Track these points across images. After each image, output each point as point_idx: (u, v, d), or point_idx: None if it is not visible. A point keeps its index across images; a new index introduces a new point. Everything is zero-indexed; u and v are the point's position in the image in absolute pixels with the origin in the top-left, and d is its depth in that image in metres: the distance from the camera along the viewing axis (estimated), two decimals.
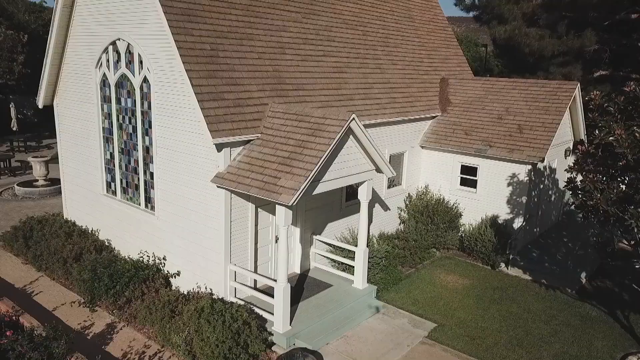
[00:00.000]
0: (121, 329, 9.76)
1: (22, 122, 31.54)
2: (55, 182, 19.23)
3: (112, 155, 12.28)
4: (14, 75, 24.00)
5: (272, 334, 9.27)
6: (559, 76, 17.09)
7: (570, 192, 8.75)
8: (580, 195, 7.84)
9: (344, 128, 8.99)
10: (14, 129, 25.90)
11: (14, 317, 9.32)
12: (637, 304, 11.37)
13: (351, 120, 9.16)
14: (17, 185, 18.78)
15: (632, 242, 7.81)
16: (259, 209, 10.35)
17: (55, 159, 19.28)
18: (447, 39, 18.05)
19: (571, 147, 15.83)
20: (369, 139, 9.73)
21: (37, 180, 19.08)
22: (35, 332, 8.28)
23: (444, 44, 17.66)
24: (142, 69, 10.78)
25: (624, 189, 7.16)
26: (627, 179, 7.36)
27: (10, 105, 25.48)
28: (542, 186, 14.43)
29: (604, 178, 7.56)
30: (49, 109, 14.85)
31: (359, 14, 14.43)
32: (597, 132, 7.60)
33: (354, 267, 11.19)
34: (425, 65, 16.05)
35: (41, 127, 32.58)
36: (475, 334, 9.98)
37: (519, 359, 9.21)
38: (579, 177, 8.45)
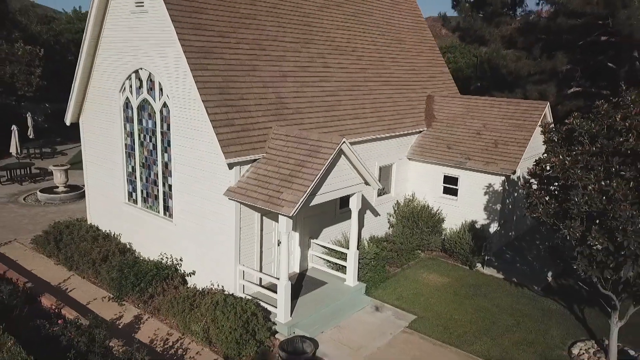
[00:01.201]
0: (146, 320, 11.43)
1: (34, 128, 33.22)
2: (74, 188, 20.94)
3: (133, 168, 13.95)
4: (32, 88, 25.66)
5: (275, 324, 10.94)
6: (535, 93, 18.74)
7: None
8: (529, 208, 9.51)
9: (336, 150, 10.65)
10: (30, 136, 27.56)
11: (57, 310, 11.01)
12: (591, 300, 13.03)
13: (342, 143, 10.82)
14: (40, 191, 20.42)
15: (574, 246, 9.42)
16: (263, 217, 12.01)
17: (71, 165, 20.95)
18: (434, 58, 19.71)
19: None
20: (357, 158, 11.39)
21: (58, 187, 20.72)
22: (78, 321, 9.95)
23: (431, 63, 19.32)
24: (162, 95, 12.45)
25: (557, 204, 8.83)
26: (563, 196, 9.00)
27: (27, 115, 27.15)
28: (515, 194, 16.09)
29: (546, 195, 9.21)
30: (57, 115, 16.47)
31: (352, 39, 16.09)
32: (541, 155, 9.23)
33: (346, 267, 12.86)
34: (413, 84, 17.70)
35: (52, 132, 34.17)
36: (448, 325, 11.65)
37: (484, 345, 10.89)
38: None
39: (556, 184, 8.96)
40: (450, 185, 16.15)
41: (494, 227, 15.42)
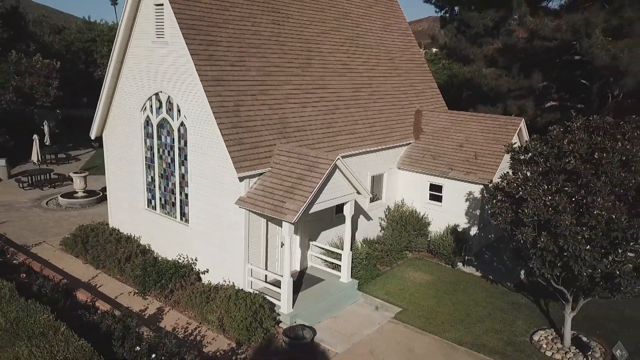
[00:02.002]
0: (168, 311, 13.22)
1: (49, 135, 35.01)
2: (92, 193, 22.73)
3: (152, 178, 15.74)
4: (49, 98, 27.45)
5: (279, 315, 12.73)
6: (515, 108, 20.53)
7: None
8: (492, 216, 11.31)
9: (331, 165, 12.44)
10: (47, 143, 29.34)
11: (92, 303, 12.81)
12: (555, 295, 14.79)
13: (337, 159, 12.61)
14: (61, 196, 22.21)
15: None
16: (268, 222, 13.81)
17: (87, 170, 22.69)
18: (423, 74, 21.50)
19: None
20: (350, 171, 13.18)
21: (77, 192, 22.50)
22: (113, 312, 11.74)
23: (420, 79, 21.11)
24: (179, 115, 14.23)
25: (513, 214, 10.61)
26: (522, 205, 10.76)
27: (44, 123, 28.93)
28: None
29: (505, 205, 10.98)
30: (67, 120, 18.18)
31: (347, 61, 17.88)
32: (505, 172, 11.03)
33: (341, 265, 14.65)
34: (403, 100, 19.49)
35: (63, 137, 35.87)
36: (429, 316, 13.45)
37: (458, 332, 12.69)
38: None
39: (513, 196, 10.74)
40: (436, 193, 17.93)
41: (474, 231, 17.21)
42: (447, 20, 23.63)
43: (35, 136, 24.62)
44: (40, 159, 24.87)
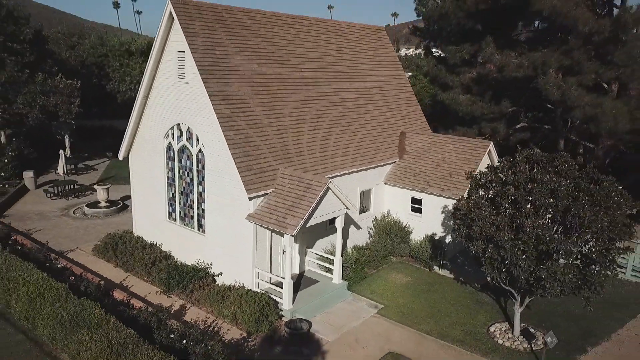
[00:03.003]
0: (189, 308, 15.96)
1: (61, 143, 37.71)
2: (113, 203, 25.46)
3: (173, 195, 18.48)
4: (72, 115, 30.22)
5: (282, 310, 15.47)
6: (488, 129, 23.25)
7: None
8: (453, 231, 14.03)
9: (324, 188, 15.18)
10: (68, 155, 32.07)
11: (127, 300, 15.55)
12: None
13: (329, 183, 15.35)
14: (86, 206, 24.94)
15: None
16: (272, 233, 16.55)
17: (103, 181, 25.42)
18: (408, 99, 24.24)
19: None
20: (340, 191, 15.93)
21: (100, 202, 25.22)
22: (147, 308, 14.49)
23: (405, 103, 23.85)
24: (198, 143, 16.97)
25: (467, 230, 13.36)
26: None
27: (65, 137, 31.67)
28: None
29: (461, 223, 13.73)
30: (80, 130, 20.82)
31: (340, 92, 20.62)
32: (460, 196, 13.76)
33: (333, 269, 17.39)
34: (389, 123, 22.23)
35: (80, 147, 38.54)
36: (406, 311, 16.20)
37: (428, 325, 15.44)
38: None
39: (467, 216, 13.51)
40: (417, 205, 20.68)
41: (449, 239, 19.96)
42: (430, 51, 26.52)
43: (61, 151, 27.37)
44: (65, 171, 27.57)
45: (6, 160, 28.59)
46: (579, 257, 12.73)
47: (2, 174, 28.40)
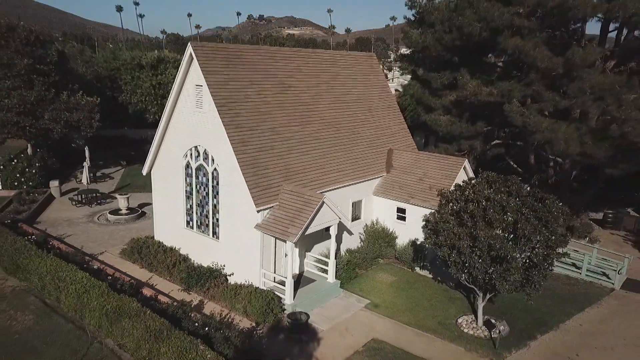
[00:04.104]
0: (207, 303, 18.96)
1: (76, 151, 40.67)
2: (133, 210, 28.45)
3: (191, 206, 21.49)
4: (92, 129, 33.25)
5: (284, 304, 18.48)
6: (467, 146, 26.26)
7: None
8: (425, 239, 17.05)
9: (320, 202, 18.19)
10: (88, 165, 35.04)
11: (155, 296, 18.57)
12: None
13: (324, 198, 18.36)
14: (109, 213, 27.95)
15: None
16: (276, 240, 19.55)
17: (120, 189, 28.34)
18: (396, 118, 27.23)
19: None
20: (334, 204, 18.93)
21: (121, 210, 28.21)
22: (173, 302, 17.50)
23: (393, 122, 26.84)
24: (213, 163, 19.97)
25: (436, 238, 16.39)
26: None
27: (86, 147, 34.67)
28: None
29: (431, 232, 16.73)
30: (94, 139, 23.76)
31: (336, 116, 23.62)
32: (430, 212, 16.82)
33: (328, 270, 20.39)
34: (379, 140, 25.22)
35: (96, 156, 41.43)
36: (389, 306, 19.21)
37: (407, 317, 18.44)
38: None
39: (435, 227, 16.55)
40: (401, 214, 23.67)
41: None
42: (417, 75, 29.59)
43: (85, 163, 30.38)
44: (89, 181, 30.58)
45: (34, 171, 31.60)
46: (526, 261, 15.74)
47: (30, 183, 31.39)
